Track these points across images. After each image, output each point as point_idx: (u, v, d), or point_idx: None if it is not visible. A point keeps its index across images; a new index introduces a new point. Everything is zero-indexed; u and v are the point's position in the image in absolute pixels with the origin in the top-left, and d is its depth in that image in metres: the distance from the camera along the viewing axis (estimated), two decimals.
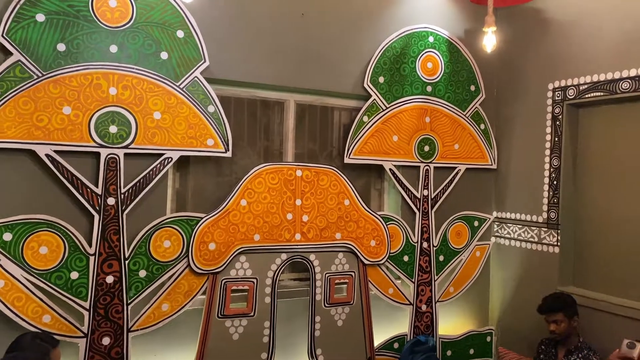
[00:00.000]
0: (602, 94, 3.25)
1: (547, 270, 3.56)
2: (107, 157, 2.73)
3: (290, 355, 3.27)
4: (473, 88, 3.84)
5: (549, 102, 3.57)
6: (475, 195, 3.92)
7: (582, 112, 3.50)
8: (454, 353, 3.76)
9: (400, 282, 3.61)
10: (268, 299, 3.12)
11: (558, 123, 3.52)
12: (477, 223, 3.90)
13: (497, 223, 3.99)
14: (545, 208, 3.59)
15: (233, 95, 3.22)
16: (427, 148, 3.65)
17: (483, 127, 3.88)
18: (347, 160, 3.41)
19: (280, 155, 3.39)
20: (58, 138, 2.61)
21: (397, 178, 3.58)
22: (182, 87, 2.90)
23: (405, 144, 3.58)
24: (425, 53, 3.64)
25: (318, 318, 3.26)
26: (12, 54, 2.53)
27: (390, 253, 3.49)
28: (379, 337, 3.49)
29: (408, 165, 3.61)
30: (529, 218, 3.72)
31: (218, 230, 2.98)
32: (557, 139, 3.53)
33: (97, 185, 2.72)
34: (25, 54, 2.55)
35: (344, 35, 3.41)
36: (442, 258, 3.74)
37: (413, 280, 3.61)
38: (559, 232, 3.50)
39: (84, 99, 2.66)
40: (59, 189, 2.67)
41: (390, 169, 3.55)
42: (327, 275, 3.28)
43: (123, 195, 2.78)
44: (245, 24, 3.12)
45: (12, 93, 2.52)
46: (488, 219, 3.95)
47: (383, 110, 3.50)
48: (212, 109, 2.98)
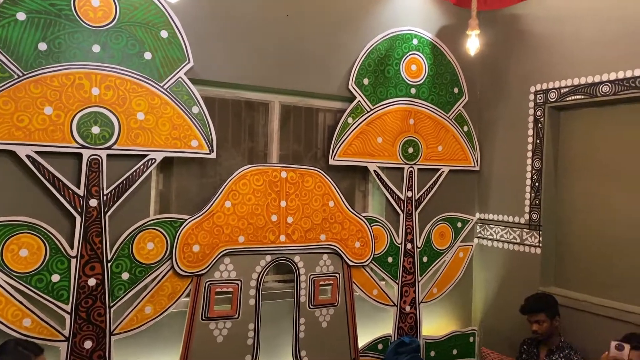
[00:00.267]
0: (582, 97, 3.29)
1: (529, 271, 3.60)
2: (89, 158, 2.69)
3: (275, 357, 3.25)
4: (456, 90, 3.87)
5: (531, 104, 3.62)
6: (459, 197, 3.96)
7: (563, 114, 3.55)
8: (438, 354, 3.78)
9: (385, 283, 3.62)
10: (252, 301, 3.11)
11: (540, 125, 3.56)
12: (460, 224, 3.93)
13: (480, 224, 4.02)
14: (527, 209, 3.63)
15: (217, 96, 3.20)
16: (411, 150, 3.67)
17: (466, 129, 3.92)
18: (331, 162, 3.41)
19: (265, 157, 3.38)
20: (39, 139, 2.57)
21: (381, 179, 3.59)
22: (166, 87, 2.87)
23: (390, 146, 3.60)
24: (410, 55, 3.66)
25: (302, 320, 3.25)
26: None
27: (375, 254, 3.50)
28: (363, 338, 3.50)
29: (392, 167, 3.63)
30: (511, 219, 3.76)
31: (202, 232, 2.96)
32: (539, 142, 3.57)
33: (79, 187, 2.68)
34: (6, 53, 2.50)
35: (329, 37, 3.42)
36: (425, 259, 3.76)
37: (397, 282, 3.63)
38: (541, 233, 3.54)
39: (66, 99, 2.63)
40: (40, 191, 2.63)
41: (375, 171, 3.56)
42: (311, 277, 3.28)
43: (106, 197, 2.74)
44: (230, 25, 3.10)
45: None
46: (471, 220, 3.99)
47: (368, 112, 3.51)
48: (196, 110, 2.96)
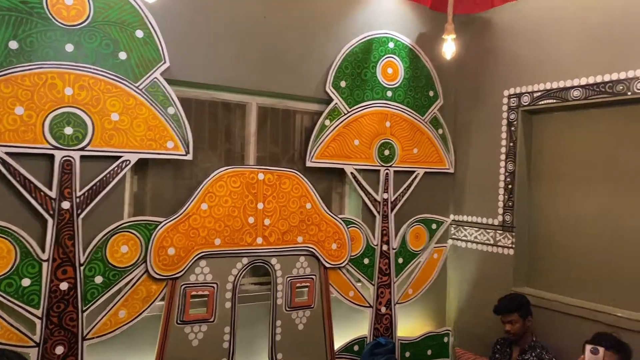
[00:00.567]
0: (554, 101, 3.37)
1: (502, 272, 3.66)
2: (62, 159, 2.63)
3: None
4: (432, 94, 3.91)
5: (505, 108, 3.68)
6: (434, 199, 4.00)
7: (535, 118, 3.62)
8: (413, 354, 3.81)
9: (361, 284, 3.63)
10: (228, 304, 3.08)
11: (513, 129, 3.63)
12: (435, 226, 3.98)
13: (454, 226, 4.07)
14: (501, 211, 3.69)
15: (194, 97, 3.17)
16: (387, 152, 3.69)
17: (441, 132, 3.96)
18: (309, 164, 3.41)
19: (242, 159, 3.36)
20: (10, 139, 2.50)
21: (358, 182, 3.60)
22: (141, 88, 2.83)
23: (366, 148, 3.61)
24: (386, 58, 3.68)
25: (279, 322, 3.24)
26: None
27: (351, 256, 3.51)
28: (339, 340, 3.51)
29: (369, 169, 3.65)
30: (485, 221, 3.82)
31: (178, 235, 2.92)
32: (512, 144, 3.63)
33: (51, 189, 2.62)
34: None
35: (306, 39, 3.42)
36: (401, 260, 3.79)
37: (373, 283, 3.65)
38: (514, 234, 3.61)
39: (38, 99, 2.56)
40: (10, 193, 2.56)
41: (352, 173, 3.57)
42: (288, 279, 3.27)
43: (78, 199, 2.69)
44: (207, 26, 3.07)
45: None
46: (445, 222, 4.03)
47: (344, 115, 3.52)
48: (172, 111, 2.92)
